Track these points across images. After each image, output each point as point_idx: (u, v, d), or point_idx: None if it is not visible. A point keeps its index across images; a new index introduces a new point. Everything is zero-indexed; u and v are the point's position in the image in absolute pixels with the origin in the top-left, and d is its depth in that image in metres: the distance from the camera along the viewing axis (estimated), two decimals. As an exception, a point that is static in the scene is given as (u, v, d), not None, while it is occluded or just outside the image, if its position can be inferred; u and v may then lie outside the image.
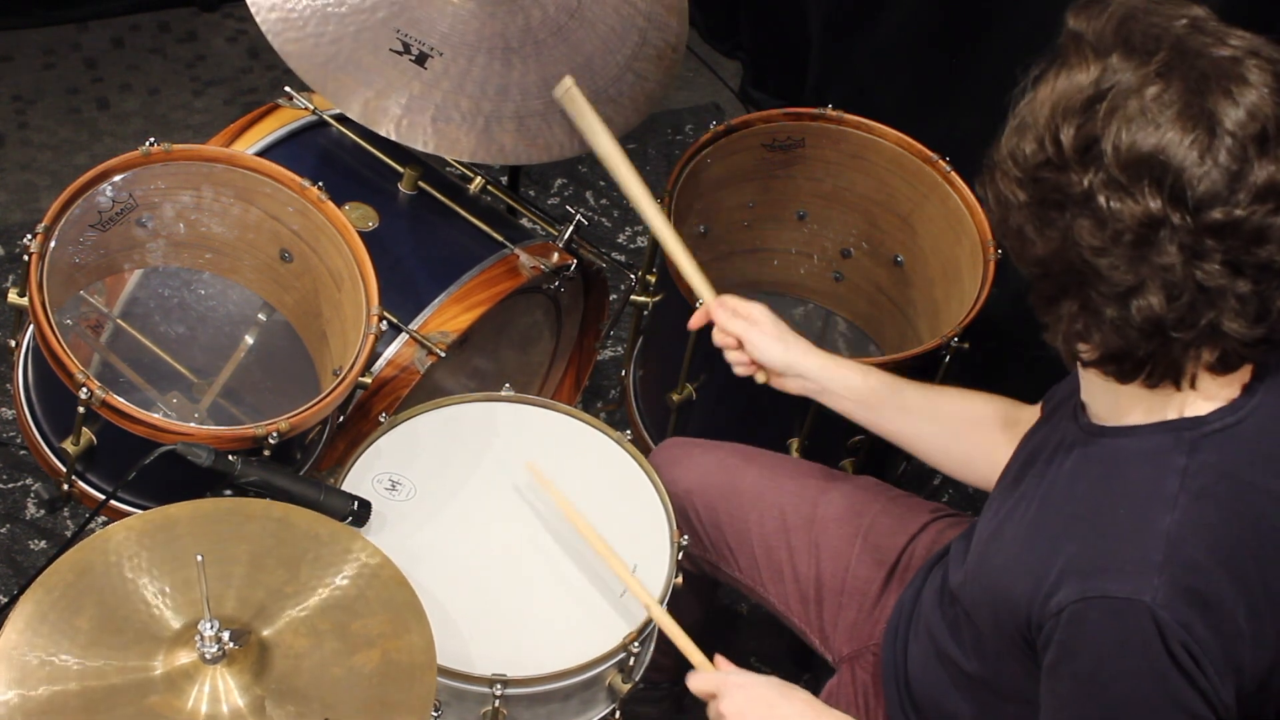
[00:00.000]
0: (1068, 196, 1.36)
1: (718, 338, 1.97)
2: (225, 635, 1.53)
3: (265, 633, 1.58)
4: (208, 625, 1.51)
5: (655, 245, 2.37)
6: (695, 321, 2.00)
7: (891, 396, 1.93)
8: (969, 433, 1.91)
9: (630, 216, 3.26)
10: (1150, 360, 1.40)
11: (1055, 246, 1.38)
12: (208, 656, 1.53)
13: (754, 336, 1.93)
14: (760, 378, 1.97)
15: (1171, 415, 1.45)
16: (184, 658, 1.53)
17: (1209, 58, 1.33)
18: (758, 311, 1.95)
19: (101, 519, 2.17)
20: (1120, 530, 1.42)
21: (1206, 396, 1.44)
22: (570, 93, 2.07)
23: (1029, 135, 1.39)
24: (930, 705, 1.80)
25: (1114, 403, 1.49)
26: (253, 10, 2.06)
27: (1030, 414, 1.82)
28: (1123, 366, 1.41)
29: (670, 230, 2.02)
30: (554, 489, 1.93)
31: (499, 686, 1.78)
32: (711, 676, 1.77)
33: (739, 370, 1.97)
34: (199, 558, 1.50)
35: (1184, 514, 1.40)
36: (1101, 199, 1.33)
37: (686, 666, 1.82)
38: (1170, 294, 1.34)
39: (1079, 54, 1.37)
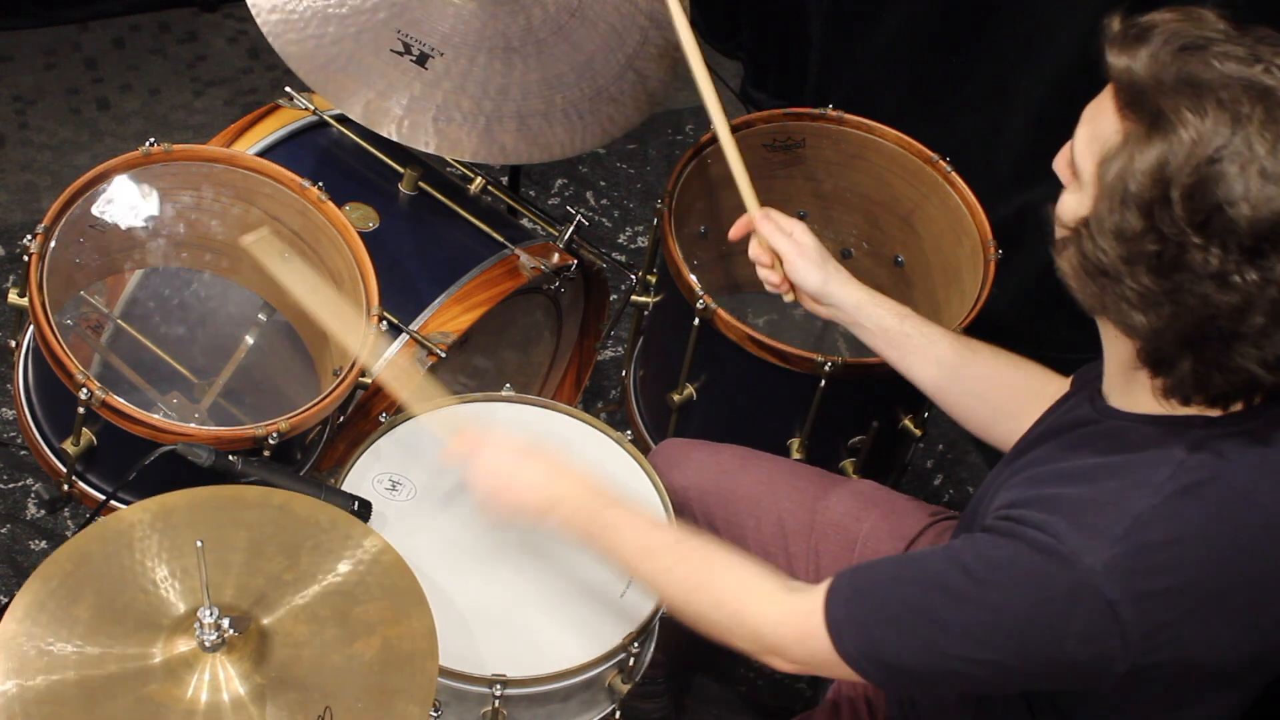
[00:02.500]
0: (1193, 272, 1.33)
1: (754, 251, 1.96)
2: (225, 623, 1.53)
3: (265, 620, 1.58)
4: (207, 613, 1.51)
5: (656, 245, 2.37)
6: (736, 231, 1.98)
7: (924, 345, 1.92)
8: (996, 396, 1.89)
9: (630, 216, 3.26)
10: (1254, 389, 1.41)
11: (1172, 318, 1.36)
12: (207, 644, 1.53)
13: (794, 256, 1.92)
14: (789, 297, 1.96)
15: (1186, 412, 1.45)
16: (183, 646, 1.53)
17: None
18: (800, 231, 1.93)
19: (102, 518, 2.17)
20: (1102, 498, 1.43)
21: (1215, 407, 1.44)
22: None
23: (1132, 207, 1.35)
24: (931, 708, 1.79)
25: (1129, 388, 1.50)
26: (253, 11, 2.06)
27: (1059, 385, 1.82)
28: (1229, 401, 1.42)
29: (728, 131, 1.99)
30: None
31: (499, 687, 1.78)
32: (471, 436, 1.80)
33: (770, 287, 1.96)
34: (199, 544, 1.49)
35: (1162, 502, 1.41)
36: (1237, 275, 1.32)
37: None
38: None
39: (1166, 113, 1.33)
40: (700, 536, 1.72)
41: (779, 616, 1.59)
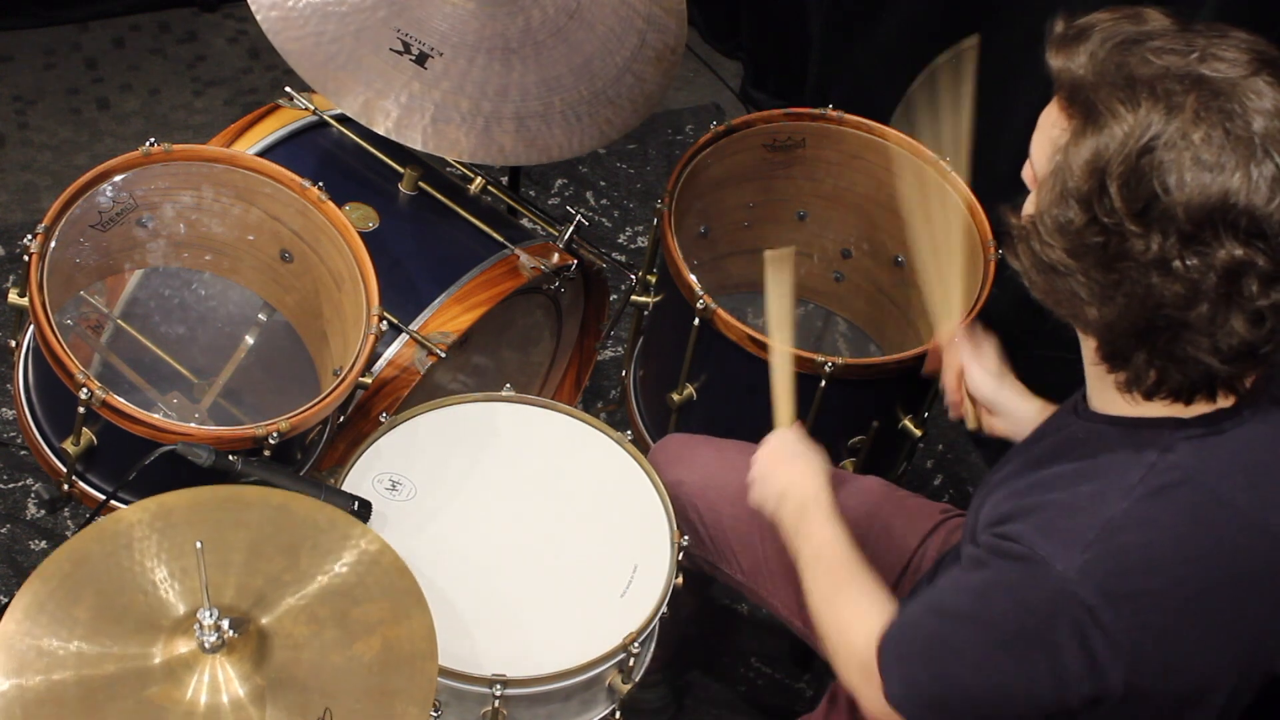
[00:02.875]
0: (1135, 261, 1.34)
1: (949, 379, 1.95)
2: (224, 624, 1.53)
3: (265, 621, 1.58)
4: (207, 614, 1.51)
5: (656, 245, 2.37)
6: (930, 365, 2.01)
7: None
8: None
9: (630, 216, 3.26)
10: (1213, 382, 1.41)
11: (1123, 309, 1.37)
12: (207, 645, 1.53)
13: (973, 367, 1.91)
14: (970, 421, 1.94)
15: (1158, 413, 1.45)
16: (183, 647, 1.53)
17: (1228, 82, 1.32)
18: (988, 345, 1.93)
19: (102, 519, 2.17)
20: (1075, 503, 1.43)
21: (1178, 402, 1.45)
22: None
23: (1071, 201, 1.36)
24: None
25: (1103, 389, 1.50)
26: (253, 8, 2.06)
27: None
28: (1192, 395, 1.42)
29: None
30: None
31: (499, 687, 1.78)
32: (782, 439, 1.90)
33: (953, 412, 1.96)
34: (198, 545, 1.49)
35: (1134, 506, 1.41)
36: (1178, 260, 1.33)
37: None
38: (1254, 321, 1.35)
39: (1099, 107, 1.34)
40: (861, 559, 1.74)
41: (865, 655, 1.60)
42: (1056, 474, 1.49)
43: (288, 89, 2.39)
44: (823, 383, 2.13)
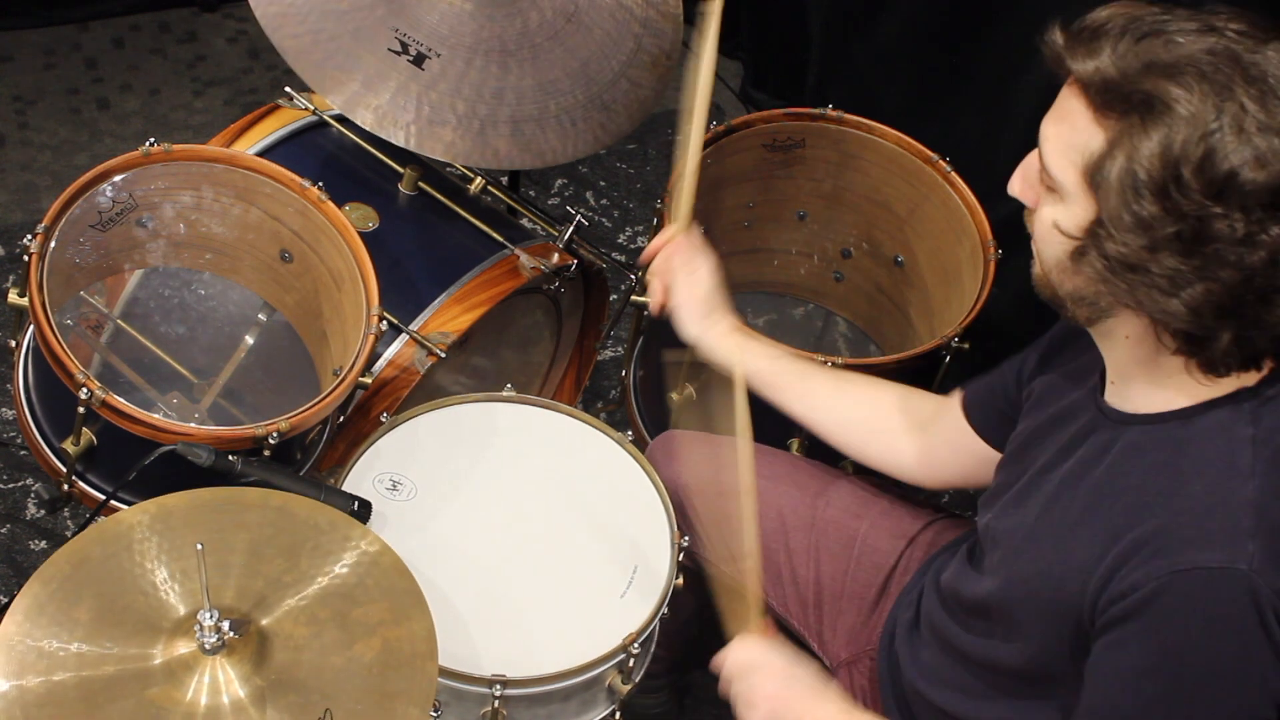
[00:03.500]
0: (1221, 242, 1.34)
1: (655, 268, 1.96)
2: (225, 625, 1.53)
3: (265, 622, 1.58)
4: (207, 615, 1.51)
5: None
6: (648, 252, 2.00)
7: (796, 381, 1.96)
8: (873, 418, 1.95)
9: (630, 216, 3.26)
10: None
11: (1208, 291, 1.37)
12: (207, 646, 1.53)
13: (680, 300, 1.93)
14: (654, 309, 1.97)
15: (1221, 391, 1.45)
16: (183, 648, 1.53)
17: (1257, 53, 1.34)
18: (701, 277, 1.93)
19: (102, 519, 2.17)
20: (1200, 505, 1.42)
21: (1250, 369, 1.45)
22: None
23: (1146, 194, 1.35)
24: (930, 709, 1.79)
25: (1149, 387, 1.49)
26: (252, 4, 2.06)
27: (935, 403, 1.89)
28: (1263, 359, 1.43)
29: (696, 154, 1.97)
30: None
31: (499, 687, 1.78)
32: (758, 652, 1.73)
33: (652, 304, 1.97)
34: (199, 547, 1.49)
35: (1264, 480, 1.41)
36: (1263, 234, 1.33)
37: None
38: None
39: (1154, 97, 1.34)
40: None
41: None
42: (1147, 488, 1.46)
43: (287, 89, 2.39)
44: (823, 383, 2.13)
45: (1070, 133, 1.40)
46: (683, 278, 1.93)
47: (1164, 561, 1.41)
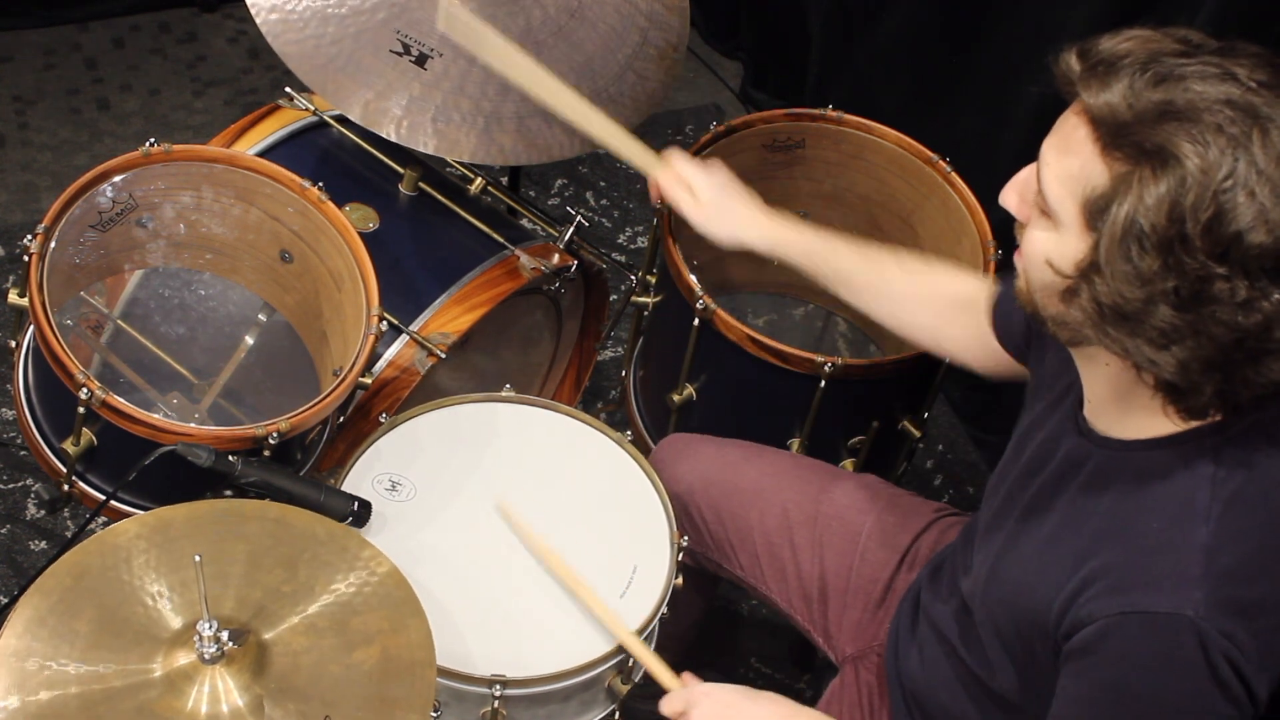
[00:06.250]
0: (1220, 303, 1.30)
1: (667, 191, 1.99)
2: (224, 635, 1.53)
3: (264, 632, 1.58)
4: (206, 625, 1.51)
5: (655, 245, 2.37)
6: (655, 192, 2.02)
7: (829, 258, 1.94)
8: (912, 303, 1.94)
9: (631, 217, 3.26)
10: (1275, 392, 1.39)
11: (1198, 347, 1.33)
12: (206, 657, 1.53)
13: (691, 216, 1.95)
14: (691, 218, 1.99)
15: (1193, 424, 1.43)
16: (183, 658, 1.53)
17: (1268, 105, 1.29)
18: (701, 183, 1.95)
19: (102, 519, 2.17)
20: (1155, 544, 1.41)
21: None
22: (450, 14, 1.97)
23: (1148, 246, 1.30)
24: (936, 706, 1.80)
25: (1127, 414, 1.48)
26: (253, 11, 2.06)
27: (971, 285, 1.87)
28: (1241, 403, 1.40)
29: (597, 115, 1.99)
30: (526, 530, 1.93)
31: (498, 687, 1.78)
32: (679, 694, 1.76)
33: (688, 213, 1.99)
34: (197, 558, 1.50)
35: (1219, 524, 1.39)
36: (1264, 300, 1.30)
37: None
38: None
39: (1167, 148, 1.29)
40: None
41: None
42: (1112, 517, 1.46)
43: (287, 89, 2.39)
44: (822, 383, 2.13)
45: (1073, 163, 1.35)
46: (699, 176, 1.95)
47: (1113, 601, 1.41)
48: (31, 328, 1.98)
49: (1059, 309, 1.42)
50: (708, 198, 1.95)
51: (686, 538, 1.98)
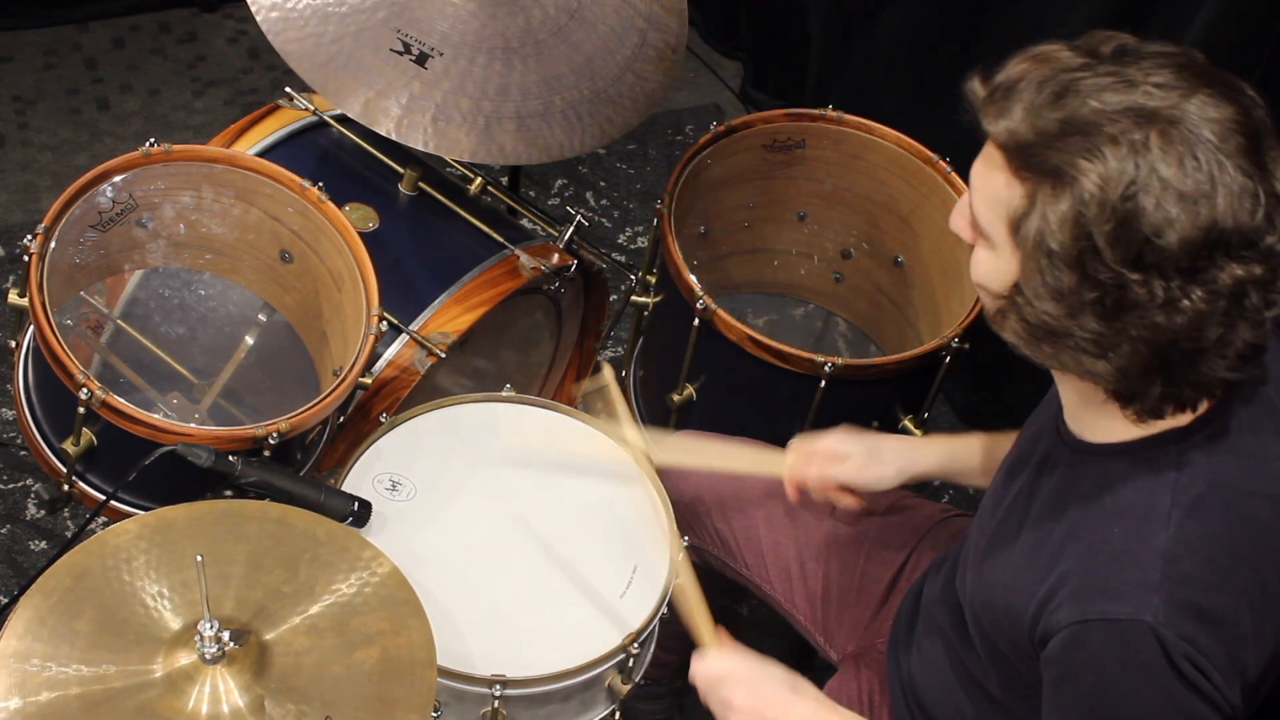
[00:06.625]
0: (1140, 308, 1.32)
1: (809, 482, 1.94)
2: (225, 635, 1.53)
3: (265, 632, 1.58)
4: (207, 625, 1.52)
5: (656, 245, 2.37)
6: (792, 494, 1.97)
7: (980, 441, 1.93)
8: None
9: (630, 216, 3.26)
10: (1223, 386, 1.39)
11: (1133, 354, 1.35)
12: (207, 657, 1.53)
13: (855, 478, 1.91)
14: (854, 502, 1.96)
15: (1156, 429, 1.44)
16: (184, 659, 1.53)
17: (1175, 108, 1.31)
18: (839, 447, 1.92)
19: (102, 519, 2.17)
20: (1115, 550, 1.42)
21: (1185, 411, 1.44)
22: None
23: (1060, 263, 1.33)
24: (935, 704, 1.80)
25: (1095, 419, 1.49)
26: (253, 9, 2.06)
27: None
28: (1198, 402, 1.41)
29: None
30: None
31: (499, 687, 1.78)
32: (715, 660, 1.73)
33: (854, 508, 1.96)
34: (199, 558, 1.50)
35: (1178, 530, 1.40)
36: (1184, 298, 1.31)
37: (686, 664, 1.82)
38: (1258, 325, 1.35)
39: (1063, 166, 1.31)
40: None
41: None
42: (1077, 521, 1.47)
43: (288, 89, 2.39)
44: (822, 383, 2.13)
45: (994, 185, 1.38)
46: (837, 471, 1.91)
47: (1076, 608, 1.42)
48: (31, 328, 1.98)
49: (1001, 328, 1.43)
50: (855, 450, 1.92)
51: (687, 537, 1.98)
